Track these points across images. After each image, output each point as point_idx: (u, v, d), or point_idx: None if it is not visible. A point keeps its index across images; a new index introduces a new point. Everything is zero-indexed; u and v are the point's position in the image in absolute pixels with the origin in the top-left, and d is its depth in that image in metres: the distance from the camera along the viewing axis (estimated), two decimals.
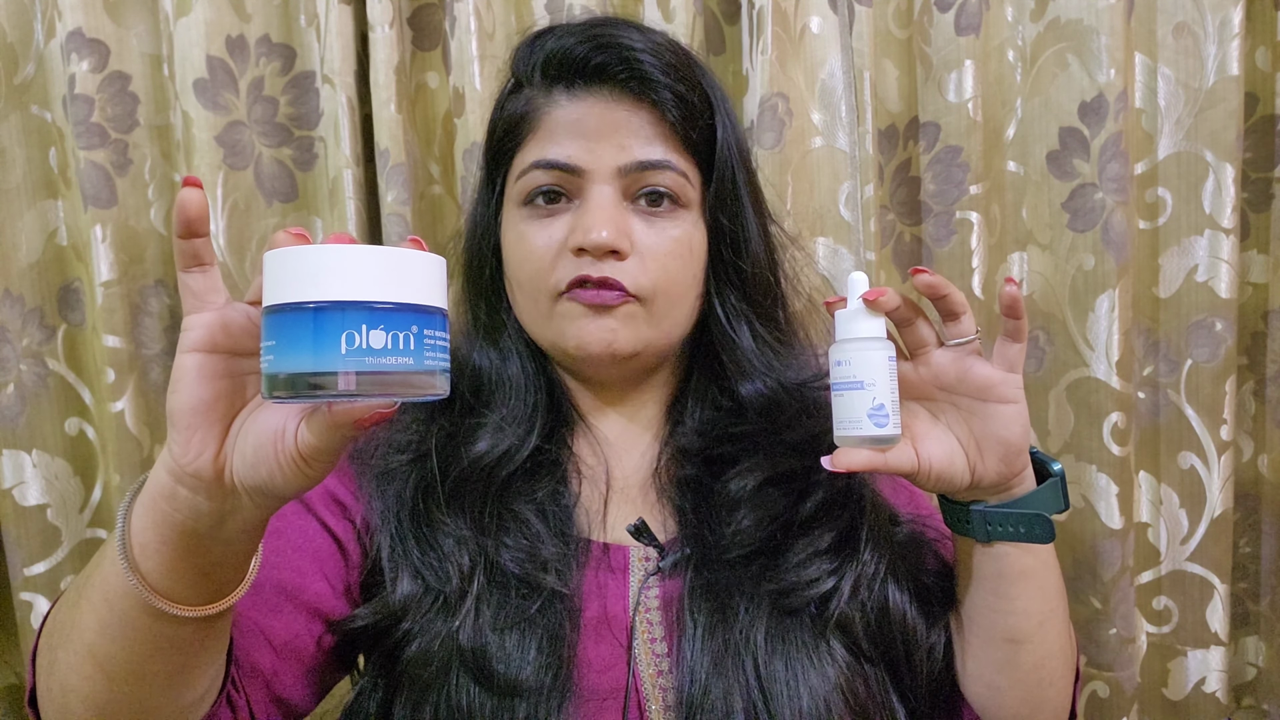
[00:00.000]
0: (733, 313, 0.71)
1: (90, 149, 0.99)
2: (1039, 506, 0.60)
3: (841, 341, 0.58)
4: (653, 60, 0.65)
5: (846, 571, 0.65)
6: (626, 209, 0.66)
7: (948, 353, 0.59)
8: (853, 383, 0.57)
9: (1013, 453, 0.59)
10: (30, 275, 1.04)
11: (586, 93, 0.66)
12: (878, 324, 0.58)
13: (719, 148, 0.69)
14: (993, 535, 0.61)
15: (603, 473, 0.71)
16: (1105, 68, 0.97)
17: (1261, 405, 1.07)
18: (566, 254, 0.65)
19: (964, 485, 0.60)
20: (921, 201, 1.05)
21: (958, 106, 1.01)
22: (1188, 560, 1.05)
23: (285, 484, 0.44)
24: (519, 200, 0.68)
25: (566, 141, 0.66)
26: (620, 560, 0.67)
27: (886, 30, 1.03)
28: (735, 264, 0.70)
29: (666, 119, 0.66)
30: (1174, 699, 1.07)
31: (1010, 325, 0.57)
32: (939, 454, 0.59)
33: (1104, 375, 1.00)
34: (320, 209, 1.06)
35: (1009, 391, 0.58)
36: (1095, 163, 0.99)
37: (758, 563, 0.65)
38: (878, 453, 0.57)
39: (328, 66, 0.99)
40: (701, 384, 0.73)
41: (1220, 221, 1.00)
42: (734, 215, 0.70)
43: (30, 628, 1.04)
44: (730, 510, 0.67)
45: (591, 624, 0.64)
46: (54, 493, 1.05)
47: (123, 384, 1.02)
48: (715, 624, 0.63)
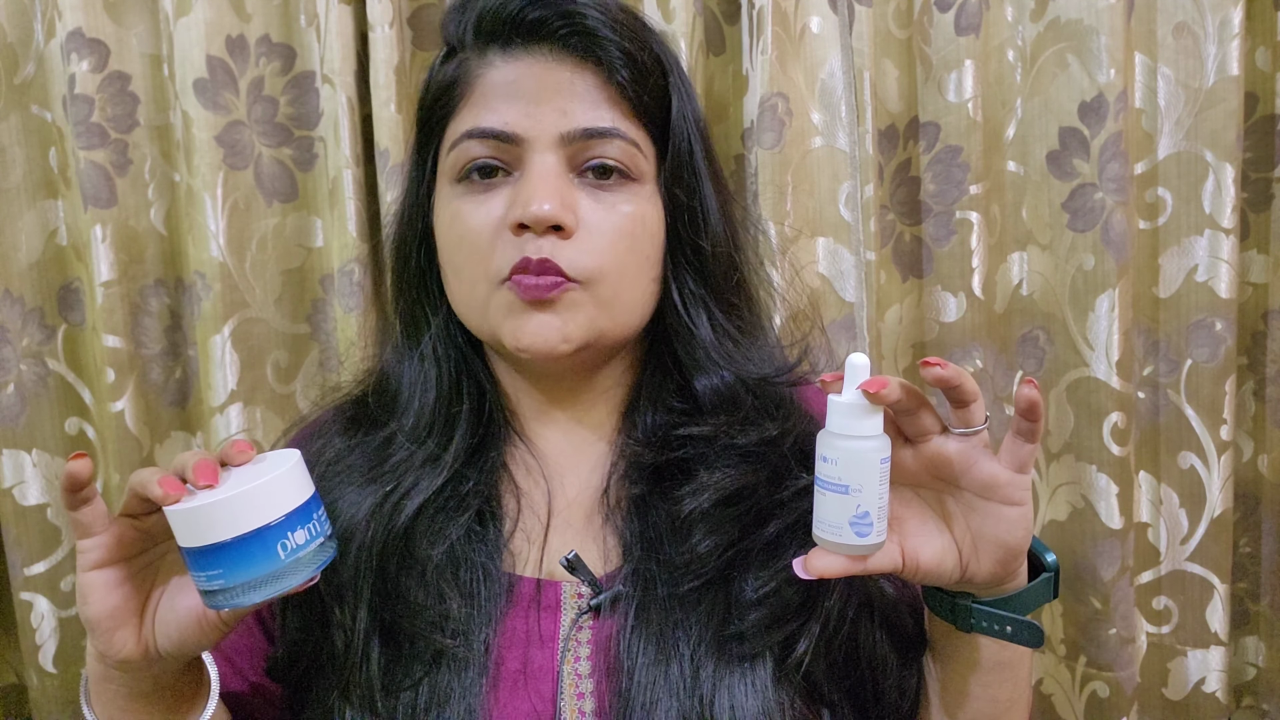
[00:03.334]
0: (690, 298, 0.63)
1: (90, 149, 0.99)
2: (1029, 604, 0.55)
3: (831, 435, 0.51)
4: (598, 15, 0.58)
5: (813, 612, 0.59)
6: (572, 182, 0.59)
7: (953, 443, 0.52)
8: (837, 485, 0.50)
9: (1011, 556, 0.53)
10: (30, 275, 1.04)
11: (524, 52, 0.59)
12: (875, 419, 0.50)
13: (674, 115, 0.62)
14: (975, 628, 0.56)
15: (542, 496, 0.64)
16: (1105, 68, 0.97)
17: (1261, 405, 1.07)
18: (506, 234, 0.58)
19: (952, 581, 0.55)
20: (921, 201, 1.05)
21: (958, 106, 1.01)
22: (1188, 560, 1.05)
23: (209, 642, 0.53)
24: (452, 176, 0.61)
25: (502, 107, 0.58)
26: (552, 598, 0.61)
27: (886, 30, 1.03)
28: (694, 243, 0.63)
29: (614, 80, 0.59)
30: (1174, 699, 1.07)
31: (1024, 426, 0.51)
32: (927, 554, 0.53)
33: (1104, 375, 1.00)
34: (320, 209, 1.06)
35: (1016, 493, 0.52)
36: (1095, 163, 0.99)
37: (710, 597, 0.59)
38: (856, 560, 0.52)
39: (328, 66, 0.99)
40: (655, 381, 0.65)
41: (1220, 221, 1.00)
42: (691, 190, 0.62)
43: (30, 627, 1.04)
44: (684, 534, 0.60)
45: (510, 678, 0.58)
46: (54, 492, 1.05)
47: (123, 384, 1.02)
48: (655, 675, 0.57)
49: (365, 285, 1.01)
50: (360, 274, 1.01)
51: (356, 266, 1.01)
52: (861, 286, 1.00)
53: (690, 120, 0.63)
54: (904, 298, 1.07)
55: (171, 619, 0.52)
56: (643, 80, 0.60)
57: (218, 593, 0.49)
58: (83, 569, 0.51)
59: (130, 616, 0.51)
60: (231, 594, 0.49)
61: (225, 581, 0.49)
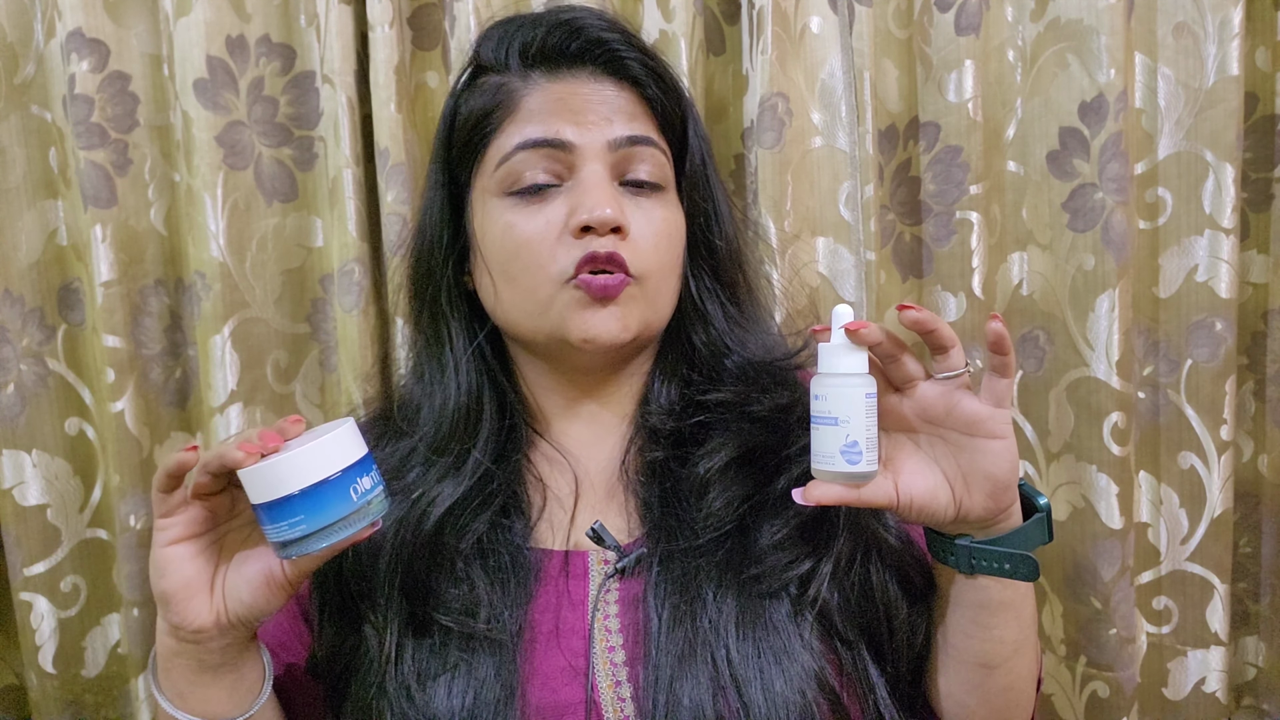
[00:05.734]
0: (706, 292, 0.71)
1: (90, 149, 0.99)
2: (1024, 542, 0.59)
3: (821, 375, 0.57)
4: (624, 42, 0.67)
5: (825, 552, 0.64)
6: (617, 190, 0.66)
7: (935, 386, 0.58)
8: (828, 418, 0.56)
9: (1000, 488, 0.58)
10: (30, 275, 1.04)
11: (568, 73, 0.66)
12: (859, 358, 0.56)
13: (690, 130, 0.70)
14: (976, 569, 0.60)
15: (567, 481, 0.70)
16: (1105, 68, 0.97)
17: (1261, 405, 1.07)
18: (567, 237, 0.64)
19: (948, 519, 0.59)
20: (921, 201, 1.05)
21: (958, 106, 1.01)
22: (1188, 560, 1.05)
23: (277, 603, 0.58)
24: (501, 190, 0.66)
25: (553, 120, 0.65)
26: (580, 566, 0.66)
27: (886, 30, 1.03)
28: (709, 243, 0.71)
29: (645, 96, 0.67)
30: (1174, 699, 1.07)
31: (997, 361, 0.56)
32: (920, 488, 0.58)
33: (1104, 375, 1.00)
34: (320, 209, 1.06)
35: (997, 427, 0.57)
36: (1095, 163, 0.99)
37: (727, 546, 0.64)
38: (851, 488, 0.56)
39: (328, 66, 0.99)
40: (670, 364, 0.72)
41: (1220, 221, 1.00)
42: (706, 195, 0.71)
43: (30, 627, 1.04)
44: (699, 493, 0.66)
45: (545, 637, 0.63)
46: (54, 493, 1.05)
47: (123, 384, 1.02)
48: (681, 616, 0.61)
49: (365, 285, 1.01)
50: (360, 274, 1.01)
51: (356, 266, 1.01)
52: (861, 286, 1.00)
53: (701, 135, 0.72)
54: (904, 298, 1.07)
55: (241, 583, 0.57)
56: (666, 99, 0.68)
57: (297, 541, 0.54)
58: (161, 545, 0.56)
59: (203, 587, 0.57)
60: (309, 540, 0.54)
61: (306, 527, 0.54)
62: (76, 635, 1.07)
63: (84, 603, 1.07)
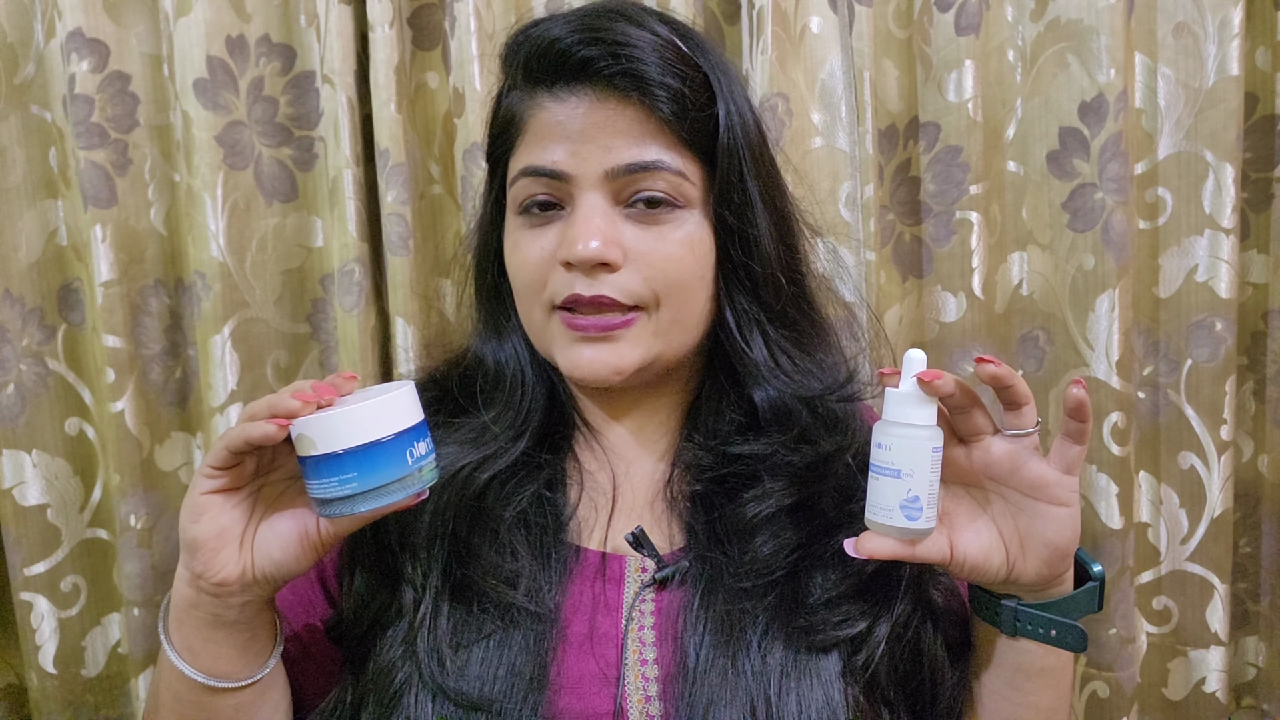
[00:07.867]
0: (743, 317, 0.65)
1: (90, 149, 0.99)
2: (1074, 611, 0.58)
3: (887, 422, 0.54)
4: (641, 52, 0.59)
5: (882, 614, 0.61)
6: (619, 215, 0.62)
7: (1004, 443, 0.55)
8: (889, 469, 0.53)
9: (1058, 556, 0.56)
10: (30, 275, 1.04)
11: (570, 93, 0.62)
12: (929, 410, 0.54)
13: (721, 138, 0.62)
14: (1020, 632, 0.59)
15: (608, 481, 0.68)
16: (1105, 68, 0.97)
17: (1261, 405, 1.07)
18: (557, 267, 0.62)
19: (999, 580, 0.57)
20: (921, 201, 1.05)
21: (958, 106, 1.01)
22: (1188, 560, 1.05)
23: (307, 562, 0.56)
24: (514, 208, 0.65)
25: (552, 146, 0.62)
26: (616, 570, 0.64)
27: (886, 30, 1.03)
28: (745, 263, 0.64)
29: (657, 114, 0.60)
30: (1174, 699, 1.07)
31: (1073, 427, 0.54)
32: (975, 548, 0.56)
33: (1104, 375, 1.00)
34: (320, 209, 1.06)
35: (1063, 494, 0.55)
36: (1095, 163, 0.99)
37: (776, 592, 0.61)
38: (906, 544, 0.54)
39: (328, 66, 0.99)
40: (714, 392, 0.68)
41: (1220, 221, 1.00)
42: (740, 212, 0.63)
43: (30, 627, 1.04)
44: (746, 535, 0.62)
45: (577, 640, 0.61)
46: (54, 493, 1.05)
47: (123, 384, 1.02)
48: (721, 653, 0.59)
49: (365, 285, 1.01)
50: (360, 274, 1.01)
51: (357, 266, 1.01)
52: (861, 286, 1.00)
53: (740, 140, 0.63)
54: (904, 298, 1.07)
55: (274, 539, 0.56)
56: (688, 110, 0.61)
57: (344, 499, 0.53)
58: (200, 490, 0.55)
59: (234, 539, 0.55)
60: (356, 500, 0.52)
61: (357, 485, 0.52)
62: (76, 635, 1.07)
63: (84, 603, 1.07)
